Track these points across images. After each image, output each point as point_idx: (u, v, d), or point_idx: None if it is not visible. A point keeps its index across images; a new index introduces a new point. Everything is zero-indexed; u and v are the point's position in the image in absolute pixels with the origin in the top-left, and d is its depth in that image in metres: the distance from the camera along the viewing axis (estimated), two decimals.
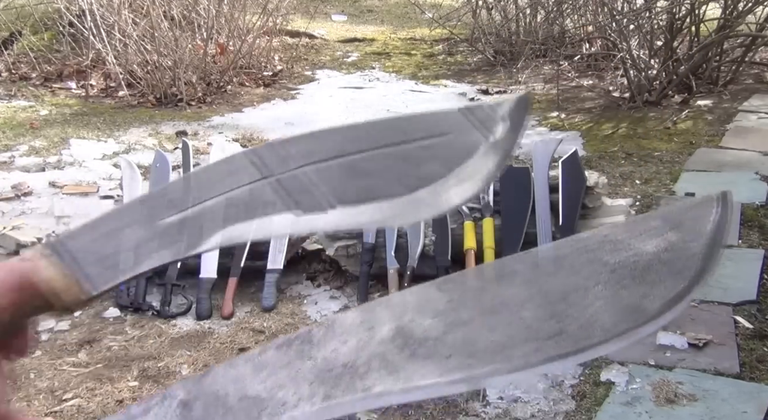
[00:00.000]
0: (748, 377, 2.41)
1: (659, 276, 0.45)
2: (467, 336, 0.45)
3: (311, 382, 0.44)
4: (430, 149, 0.53)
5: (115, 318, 2.99)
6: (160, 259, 0.49)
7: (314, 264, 3.29)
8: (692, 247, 0.46)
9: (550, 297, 0.45)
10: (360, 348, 0.45)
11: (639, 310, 0.45)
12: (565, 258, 0.46)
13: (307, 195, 0.51)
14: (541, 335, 0.44)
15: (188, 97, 5.65)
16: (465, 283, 0.47)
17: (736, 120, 4.93)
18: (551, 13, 6.52)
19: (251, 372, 0.44)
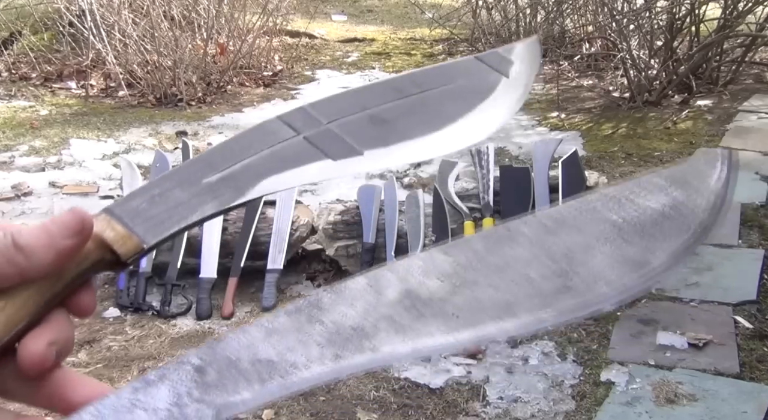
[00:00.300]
0: (748, 377, 2.41)
1: (664, 231, 0.47)
2: (473, 295, 0.46)
3: (321, 344, 0.46)
4: (450, 92, 0.57)
5: (115, 318, 2.99)
6: (208, 211, 0.52)
7: (314, 264, 3.29)
8: (697, 202, 0.48)
9: (555, 256, 0.47)
10: (368, 311, 0.46)
11: (644, 264, 0.46)
12: (570, 218, 0.48)
13: (336, 145, 0.55)
14: (547, 292, 0.46)
15: (188, 97, 5.65)
16: (470, 247, 0.48)
17: (736, 120, 4.93)
18: (551, 13, 6.52)
19: (262, 337, 0.46)
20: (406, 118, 0.57)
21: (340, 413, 2.39)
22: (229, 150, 0.55)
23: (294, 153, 0.54)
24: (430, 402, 2.42)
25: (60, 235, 0.46)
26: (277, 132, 0.55)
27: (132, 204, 0.51)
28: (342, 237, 3.13)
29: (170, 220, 0.51)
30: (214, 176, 0.53)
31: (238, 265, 3.09)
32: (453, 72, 0.59)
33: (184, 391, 0.44)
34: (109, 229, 0.49)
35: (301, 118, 0.56)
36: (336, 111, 0.56)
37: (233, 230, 3.17)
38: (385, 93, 0.57)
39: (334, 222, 3.16)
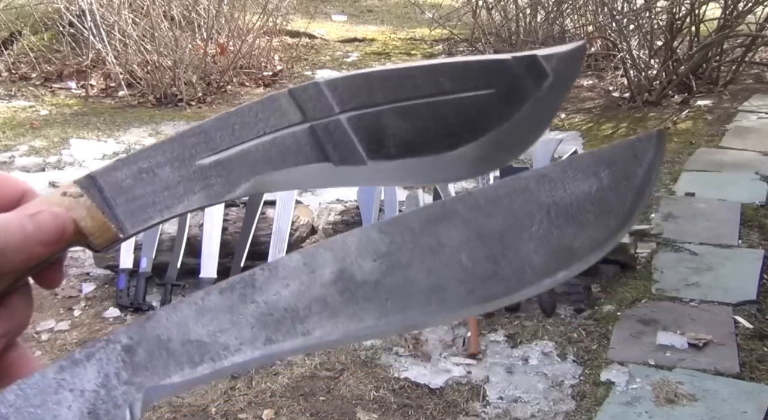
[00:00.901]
0: (748, 377, 2.41)
1: (591, 216, 0.47)
2: (406, 279, 0.46)
3: (253, 326, 0.45)
4: (473, 103, 0.52)
5: (115, 318, 2.99)
6: (193, 203, 0.49)
7: None
8: (624, 187, 0.48)
9: (486, 238, 0.47)
10: (301, 292, 0.46)
11: (569, 250, 0.47)
12: (504, 198, 0.48)
13: (341, 146, 0.51)
14: (476, 277, 0.46)
15: (188, 97, 5.65)
16: (407, 224, 0.47)
17: (736, 120, 4.93)
18: (551, 13, 6.52)
19: (194, 316, 0.45)
20: (420, 127, 0.52)
21: (340, 413, 2.39)
22: (230, 126, 0.51)
23: (295, 146, 0.51)
24: (430, 402, 2.42)
25: (36, 240, 0.44)
26: (285, 112, 0.52)
27: (118, 175, 0.49)
28: None
29: (153, 208, 0.49)
30: (209, 158, 0.50)
31: (238, 265, 3.09)
32: (483, 74, 0.53)
33: (112, 372, 0.43)
34: (88, 218, 0.47)
35: (313, 98, 0.52)
36: (351, 97, 0.52)
37: (233, 230, 3.17)
38: (406, 85, 0.52)
39: (334, 222, 3.16)
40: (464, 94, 0.52)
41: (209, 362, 0.44)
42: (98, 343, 0.43)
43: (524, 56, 0.52)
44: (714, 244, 3.22)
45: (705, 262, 3.08)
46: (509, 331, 2.75)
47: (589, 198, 0.47)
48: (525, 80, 0.52)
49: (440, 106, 0.52)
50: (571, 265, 0.47)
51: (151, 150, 0.50)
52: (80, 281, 3.26)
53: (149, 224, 0.49)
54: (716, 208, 3.57)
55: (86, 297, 3.15)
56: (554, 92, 0.53)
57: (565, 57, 0.53)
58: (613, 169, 0.48)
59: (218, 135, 0.51)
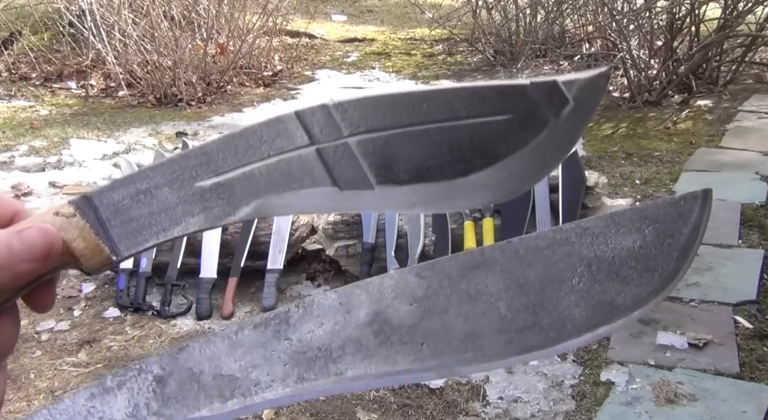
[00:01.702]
0: (748, 377, 2.41)
1: (634, 273, 0.46)
2: (442, 324, 0.45)
3: (285, 363, 0.44)
4: (489, 128, 0.50)
5: (115, 318, 2.99)
6: (191, 227, 0.48)
7: (314, 264, 3.29)
8: (669, 245, 0.47)
9: (526, 288, 0.46)
10: (335, 331, 0.45)
11: (611, 306, 0.46)
12: (545, 249, 0.47)
13: (348, 169, 0.49)
14: (514, 327, 0.45)
15: (188, 97, 5.65)
16: (444, 270, 0.47)
17: (736, 120, 4.93)
18: (551, 13, 6.52)
19: (227, 350, 0.45)
20: (432, 151, 0.50)
21: (340, 413, 2.39)
22: (233, 148, 0.49)
23: (300, 169, 0.49)
24: (430, 402, 2.42)
25: (23, 257, 0.42)
26: (291, 134, 0.50)
27: (115, 196, 0.47)
28: (342, 237, 3.13)
29: (149, 230, 0.47)
30: (209, 180, 0.48)
31: (238, 265, 3.09)
32: (500, 99, 0.50)
33: (142, 402, 0.43)
34: (80, 239, 0.45)
35: (320, 121, 0.50)
36: (361, 120, 0.50)
37: (233, 230, 3.17)
38: (419, 109, 0.50)
39: (334, 222, 3.16)
40: (479, 119, 0.50)
41: (240, 397, 0.43)
42: (130, 372, 0.43)
43: (544, 82, 0.50)
44: (714, 244, 3.22)
45: (705, 262, 3.08)
46: None
47: (632, 254, 0.46)
48: (543, 107, 0.50)
49: (453, 132, 0.50)
50: (612, 321, 0.46)
51: (150, 171, 0.49)
52: (80, 281, 3.26)
53: (144, 247, 0.47)
54: (716, 208, 3.56)
55: (86, 297, 3.15)
56: (574, 120, 0.51)
57: (587, 83, 0.51)
58: (657, 227, 0.47)
59: (221, 157, 0.49)
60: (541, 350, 0.45)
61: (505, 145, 0.50)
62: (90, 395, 0.42)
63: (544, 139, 0.50)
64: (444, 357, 0.45)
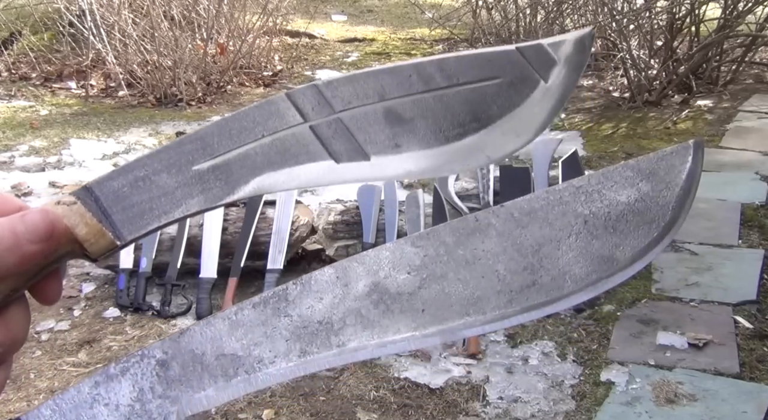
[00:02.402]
0: (748, 377, 2.41)
1: (631, 226, 0.46)
2: (441, 290, 0.46)
3: (287, 339, 0.45)
4: (480, 93, 0.51)
5: (115, 318, 2.99)
6: (192, 207, 0.48)
7: (314, 264, 3.29)
8: (664, 196, 0.47)
9: (523, 249, 0.46)
10: (335, 304, 0.45)
11: (610, 260, 0.46)
12: (539, 210, 0.47)
13: (343, 143, 0.50)
14: (514, 287, 0.45)
15: (188, 97, 5.65)
16: (440, 238, 0.47)
17: (736, 120, 4.93)
18: (551, 13, 6.52)
19: (228, 330, 0.45)
20: (425, 118, 0.51)
21: (340, 413, 2.39)
22: (228, 131, 0.50)
23: (296, 146, 0.50)
24: (430, 402, 2.42)
25: (27, 239, 0.43)
26: (283, 115, 0.50)
27: (114, 184, 0.48)
28: (342, 237, 3.13)
29: (150, 214, 0.48)
30: (206, 163, 0.49)
31: (238, 265, 3.09)
32: (488, 65, 0.51)
33: (146, 386, 0.43)
34: (82, 224, 0.46)
35: (311, 100, 0.51)
36: (350, 96, 0.50)
37: (233, 230, 3.17)
38: (409, 81, 0.51)
39: (334, 222, 3.16)
40: (470, 85, 0.51)
41: (243, 375, 0.44)
42: (132, 358, 0.44)
43: (529, 46, 0.51)
44: (714, 244, 3.22)
45: (705, 262, 3.08)
46: (509, 331, 2.75)
47: (628, 208, 0.47)
48: (532, 69, 0.51)
49: (446, 98, 0.51)
50: (613, 275, 0.46)
51: (146, 158, 0.49)
52: (80, 281, 3.26)
53: (147, 230, 0.48)
54: (716, 208, 3.57)
55: (86, 297, 3.15)
56: (563, 79, 0.52)
57: (572, 43, 0.52)
58: (651, 179, 0.47)
59: (216, 140, 0.50)
60: (544, 308, 0.45)
61: (497, 108, 0.51)
62: (94, 383, 0.43)
63: (535, 99, 0.51)
64: (446, 321, 0.45)
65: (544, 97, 0.51)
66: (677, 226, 0.47)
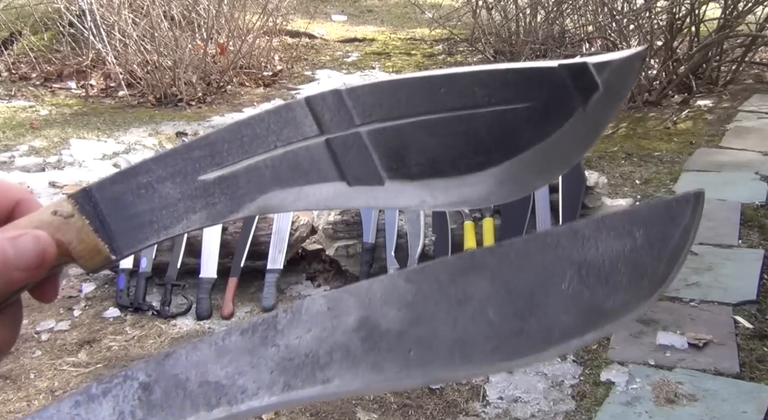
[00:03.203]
0: (748, 377, 2.41)
1: (622, 278, 0.45)
2: (430, 330, 0.44)
3: (272, 370, 0.44)
4: (510, 116, 0.46)
5: (115, 318, 2.99)
6: (193, 224, 0.47)
7: (314, 264, 3.29)
8: (658, 249, 0.45)
9: (515, 294, 0.45)
10: (323, 337, 0.44)
11: (598, 311, 0.45)
12: (535, 253, 0.45)
13: (358, 162, 0.46)
14: (502, 333, 0.44)
15: (188, 97, 5.65)
16: (434, 274, 0.45)
17: (736, 120, 4.93)
18: (551, 13, 6.52)
19: (213, 356, 0.44)
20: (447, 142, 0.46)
21: (340, 413, 2.39)
22: (239, 138, 0.47)
23: (308, 161, 0.46)
24: (430, 402, 2.42)
25: (15, 265, 0.42)
26: (299, 123, 0.47)
27: (116, 189, 0.46)
28: (342, 237, 3.13)
29: (150, 227, 0.46)
30: (213, 174, 0.46)
31: (238, 265, 3.09)
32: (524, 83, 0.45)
33: (127, 410, 0.42)
34: (77, 241, 0.44)
35: (331, 108, 0.46)
36: (372, 107, 0.46)
37: (233, 230, 3.17)
38: (438, 95, 0.46)
39: (334, 222, 3.16)
40: (499, 107, 0.46)
41: (225, 405, 0.43)
42: (115, 379, 0.43)
43: (572, 64, 0.45)
44: (714, 244, 3.22)
45: (705, 262, 3.08)
46: None
47: (622, 258, 0.45)
48: (570, 92, 0.45)
49: (471, 121, 0.46)
50: (600, 327, 0.44)
51: (152, 163, 0.47)
52: (80, 281, 3.26)
53: (145, 245, 0.46)
54: (716, 208, 3.57)
55: (86, 297, 3.15)
56: (602, 108, 0.45)
57: (620, 66, 0.45)
58: (648, 230, 0.45)
59: (225, 148, 0.47)
60: (528, 357, 0.44)
61: (526, 136, 0.46)
62: (75, 403, 0.42)
63: (568, 129, 0.46)
64: (431, 364, 0.44)
65: (579, 127, 0.46)
66: (668, 281, 0.45)
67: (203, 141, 0.47)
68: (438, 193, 0.47)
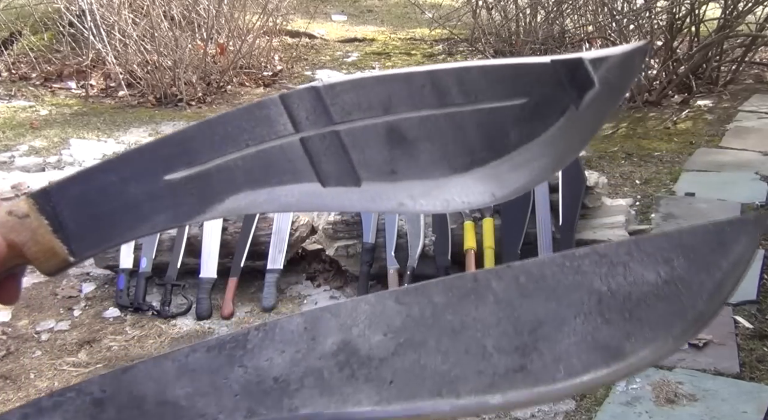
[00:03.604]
0: (748, 377, 2.41)
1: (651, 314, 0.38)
2: (417, 361, 0.39)
3: (236, 393, 0.40)
4: (499, 115, 0.42)
5: (115, 318, 2.99)
6: (158, 225, 0.43)
7: (314, 264, 3.29)
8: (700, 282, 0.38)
9: (519, 325, 0.39)
10: (297, 361, 0.40)
11: (616, 352, 0.38)
12: (549, 278, 0.39)
13: (334, 162, 0.43)
14: (499, 369, 0.38)
15: (188, 97, 5.65)
16: (429, 296, 0.40)
17: (736, 120, 4.93)
18: (551, 13, 6.52)
19: (175, 374, 0.40)
20: (431, 141, 0.42)
21: None
22: (210, 136, 0.43)
23: (282, 161, 0.43)
24: None
25: None
26: (273, 122, 0.43)
27: (77, 189, 0.43)
28: (342, 237, 3.13)
29: (112, 229, 0.43)
30: (181, 173, 0.43)
31: (238, 265, 3.09)
32: (515, 80, 0.41)
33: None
34: (32, 242, 0.42)
35: (307, 105, 0.43)
36: (352, 105, 0.42)
37: (233, 230, 3.17)
38: (421, 92, 0.42)
39: (334, 222, 3.16)
40: (487, 105, 0.42)
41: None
42: (69, 392, 0.39)
43: (567, 60, 0.42)
44: None
45: None
46: None
47: (654, 290, 0.38)
48: (563, 90, 0.41)
49: (459, 118, 0.42)
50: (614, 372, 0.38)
51: (117, 161, 0.44)
52: (80, 281, 3.26)
53: (106, 247, 0.43)
54: (716, 208, 3.57)
55: (86, 297, 3.15)
56: (598, 107, 0.42)
57: (619, 62, 0.41)
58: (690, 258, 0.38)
59: (196, 146, 0.44)
60: (526, 399, 0.38)
61: (514, 136, 0.42)
62: (23, 415, 0.40)
63: (560, 128, 0.42)
64: (413, 399, 0.38)
65: (571, 127, 0.42)
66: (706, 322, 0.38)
67: (172, 139, 0.44)
68: (419, 196, 0.43)
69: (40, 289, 3.19)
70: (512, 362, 0.38)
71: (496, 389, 0.38)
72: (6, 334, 2.84)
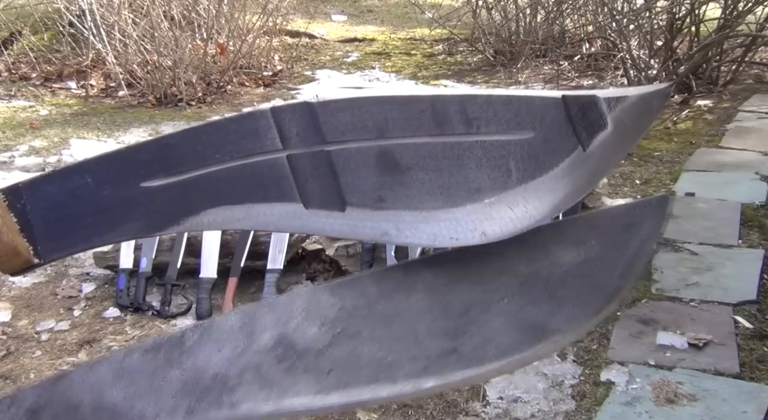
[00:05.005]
0: (748, 377, 2.41)
1: (570, 292, 0.38)
2: (352, 350, 0.39)
3: (175, 393, 0.39)
4: (501, 148, 0.35)
5: (115, 318, 2.99)
6: (126, 233, 0.42)
7: (314, 264, 3.29)
8: (611, 260, 0.39)
9: (450, 310, 0.38)
10: (235, 357, 0.39)
11: (540, 329, 0.38)
12: (475, 265, 0.40)
13: (320, 183, 0.40)
14: (432, 353, 0.36)
15: (188, 97, 5.65)
16: (362, 289, 0.40)
17: (736, 120, 4.93)
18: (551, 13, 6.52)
19: (111, 378, 0.39)
20: (425, 171, 0.36)
21: (340, 413, 2.39)
22: (193, 145, 0.40)
23: (266, 178, 0.38)
24: (430, 402, 2.42)
25: None
26: (261, 135, 0.39)
27: (50, 189, 0.40)
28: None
29: (79, 233, 0.40)
30: (158, 181, 0.40)
31: (238, 265, 3.09)
32: (521, 113, 0.33)
33: None
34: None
35: (299, 121, 0.36)
36: (346, 125, 0.35)
37: (233, 230, 3.17)
38: (419, 118, 0.35)
39: None
40: (492, 136, 0.38)
41: None
42: (4, 402, 0.38)
43: (579, 96, 0.36)
44: (714, 244, 3.22)
45: (705, 262, 3.08)
46: None
47: (572, 270, 0.37)
48: (573, 128, 0.37)
49: (458, 149, 0.37)
50: (540, 348, 0.37)
51: (94, 163, 0.41)
52: (80, 281, 3.26)
53: (71, 252, 0.41)
54: (716, 208, 3.57)
55: (86, 297, 3.15)
56: (608, 150, 0.38)
57: (636, 103, 0.35)
58: (603, 238, 0.37)
59: (177, 154, 0.40)
60: (458, 380, 0.38)
61: (516, 172, 0.38)
62: None
63: (565, 169, 0.38)
64: (351, 387, 0.38)
65: (577, 168, 0.35)
66: (620, 295, 0.39)
67: (153, 145, 0.42)
68: (405, 227, 0.40)
69: (40, 289, 3.19)
70: (444, 346, 0.39)
71: (431, 372, 0.38)
72: (6, 334, 2.84)
